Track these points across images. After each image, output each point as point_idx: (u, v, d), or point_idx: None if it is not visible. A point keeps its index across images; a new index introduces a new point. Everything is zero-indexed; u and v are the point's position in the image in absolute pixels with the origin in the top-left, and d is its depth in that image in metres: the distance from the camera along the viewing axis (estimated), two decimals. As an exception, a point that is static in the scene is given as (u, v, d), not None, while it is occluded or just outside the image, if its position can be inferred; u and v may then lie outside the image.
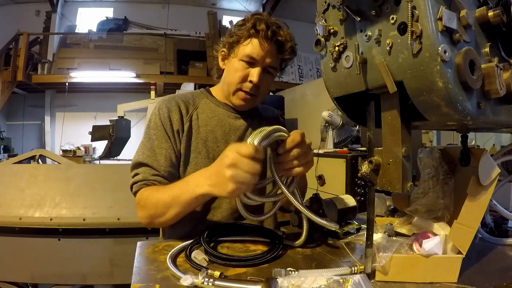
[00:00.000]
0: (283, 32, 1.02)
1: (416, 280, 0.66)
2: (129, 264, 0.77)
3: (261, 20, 1.01)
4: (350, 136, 2.72)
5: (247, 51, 1.00)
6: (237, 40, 1.03)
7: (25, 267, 1.80)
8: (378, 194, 1.02)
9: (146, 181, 0.95)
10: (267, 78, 1.06)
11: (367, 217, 0.67)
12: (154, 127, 1.02)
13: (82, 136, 5.97)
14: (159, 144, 1.00)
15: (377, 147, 0.63)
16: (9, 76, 5.81)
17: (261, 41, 1.00)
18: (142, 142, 1.02)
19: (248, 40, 1.01)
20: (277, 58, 1.04)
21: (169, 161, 0.99)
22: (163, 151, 0.99)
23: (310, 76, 7.29)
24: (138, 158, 0.99)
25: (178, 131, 1.03)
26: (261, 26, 0.99)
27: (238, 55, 1.02)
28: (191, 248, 0.80)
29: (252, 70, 1.02)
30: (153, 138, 1.01)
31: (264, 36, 0.99)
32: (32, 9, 7.08)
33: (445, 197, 0.75)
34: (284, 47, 1.03)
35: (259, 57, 1.00)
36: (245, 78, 1.03)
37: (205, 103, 1.12)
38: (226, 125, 1.09)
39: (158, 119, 1.02)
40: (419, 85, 0.53)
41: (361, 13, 0.61)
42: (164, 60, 6.80)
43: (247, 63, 1.02)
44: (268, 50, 1.01)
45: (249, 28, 1.00)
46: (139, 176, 0.96)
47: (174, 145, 1.01)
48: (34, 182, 1.93)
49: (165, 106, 1.04)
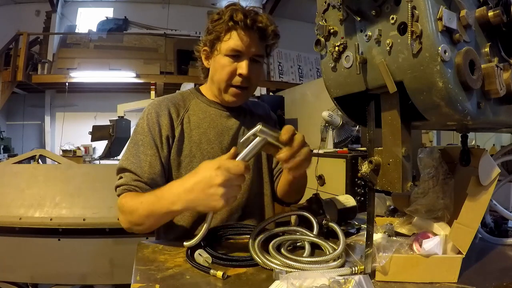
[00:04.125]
0: (262, 18, 0.99)
1: (416, 280, 0.66)
2: (129, 264, 0.77)
3: (237, 10, 0.97)
4: (350, 136, 2.72)
5: (230, 45, 0.98)
6: (217, 36, 1.00)
7: (25, 267, 1.80)
8: (378, 194, 1.02)
9: (128, 186, 0.93)
10: (256, 68, 1.04)
11: (367, 217, 0.67)
12: (141, 132, 0.99)
13: (82, 136, 5.97)
14: (144, 150, 0.97)
15: (377, 147, 0.63)
16: (9, 76, 5.81)
17: (242, 32, 0.97)
18: (128, 147, 1.00)
19: (229, 34, 0.98)
20: (262, 45, 1.02)
21: (153, 169, 0.96)
22: (148, 157, 0.97)
23: (310, 76, 7.29)
24: (122, 163, 0.97)
25: (167, 136, 1.00)
26: (238, 17, 0.96)
27: (222, 51, 0.99)
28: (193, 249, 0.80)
29: (239, 63, 0.99)
30: (139, 143, 0.98)
31: (244, 26, 0.96)
32: (32, 9, 7.08)
33: (445, 197, 0.75)
34: (266, 32, 1.00)
35: (243, 48, 0.98)
36: (234, 73, 1.00)
37: (196, 103, 1.09)
38: (218, 126, 1.07)
39: (145, 124, 1.00)
40: (419, 85, 0.53)
41: (361, 13, 0.61)
42: (164, 60, 6.79)
43: (232, 57, 0.99)
44: (251, 40, 0.98)
45: (227, 21, 0.97)
46: (122, 180, 0.95)
47: (160, 152, 0.98)
48: (34, 182, 1.92)
49: (154, 110, 1.01)
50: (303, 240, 0.83)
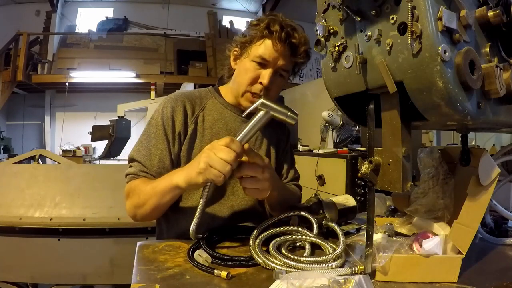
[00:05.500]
0: (298, 35, 0.99)
1: (416, 280, 0.66)
2: (129, 264, 0.77)
3: (275, 20, 0.98)
4: (350, 136, 2.72)
5: (259, 51, 0.98)
6: (250, 40, 1.01)
7: (25, 267, 1.80)
8: (378, 194, 1.02)
9: (136, 175, 0.98)
10: (279, 81, 1.03)
11: (367, 217, 0.67)
12: (155, 125, 1.01)
13: (82, 136, 5.97)
14: (156, 144, 0.99)
15: (377, 147, 0.63)
16: (9, 76, 5.82)
17: (274, 43, 0.97)
18: (140, 138, 1.02)
19: (261, 40, 0.99)
20: (290, 61, 1.02)
21: (162, 163, 0.99)
22: (158, 151, 0.99)
23: (310, 76, 7.29)
24: (133, 154, 1.00)
25: (179, 133, 1.01)
26: (275, 27, 0.97)
27: (250, 55, 1.00)
28: (193, 248, 0.80)
29: (263, 72, 0.99)
30: (151, 136, 1.00)
31: (277, 37, 0.96)
32: (32, 9, 7.09)
33: (445, 197, 0.76)
34: (298, 50, 1.00)
35: (271, 58, 0.98)
36: (256, 80, 1.00)
37: (212, 103, 1.09)
38: (231, 129, 1.07)
39: (160, 118, 1.01)
40: (419, 85, 0.53)
41: (361, 13, 0.61)
42: (164, 60, 6.80)
43: (258, 64, 0.99)
44: (281, 52, 0.98)
45: (262, 29, 0.98)
46: (131, 169, 0.99)
47: (171, 147, 1.00)
48: (34, 182, 1.92)
49: (170, 105, 1.03)
50: (303, 240, 0.83)
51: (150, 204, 0.91)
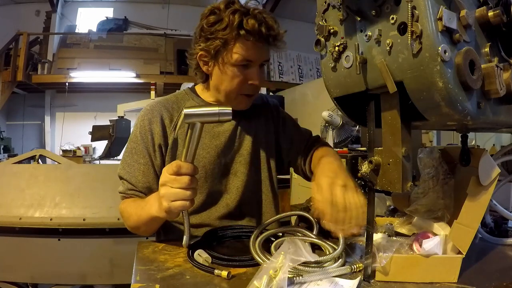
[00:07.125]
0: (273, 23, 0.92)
1: (416, 280, 0.66)
2: (129, 264, 0.77)
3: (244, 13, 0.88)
4: (350, 136, 2.72)
5: (242, 54, 0.90)
6: (223, 44, 0.89)
7: (25, 267, 1.80)
8: (378, 194, 1.01)
9: (125, 194, 0.97)
10: (262, 71, 0.99)
11: (367, 217, 0.67)
12: (134, 140, 0.98)
13: (82, 136, 5.97)
14: (138, 159, 0.97)
15: (377, 147, 0.63)
16: (9, 76, 5.82)
17: (255, 42, 0.89)
18: (124, 155, 1.00)
19: (240, 43, 0.89)
20: (269, 50, 0.97)
21: (146, 177, 0.96)
22: (141, 166, 0.96)
23: (310, 76, 7.29)
24: (120, 172, 0.98)
25: (160, 145, 0.98)
26: (250, 24, 0.87)
27: (232, 60, 0.91)
28: (193, 248, 0.80)
29: (250, 72, 0.94)
30: (132, 152, 0.98)
31: (257, 35, 0.88)
32: (32, 9, 7.09)
33: (445, 197, 0.76)
34: (278, 38, 0.94)
35: (255, 57, 0.93)
36: (244, 82, 0.95)
37: (190, 105, 1.04)
38: (212, 129, 1.03)
39: (138, 132, 0.98)
40: (419, 85, 0.53)
41: (361, 13, 0.61)
42: (164, 60, 6.80)
43: (242, 66, 0.93)
44: (263, 48, 0.93)
45: (236, 28, 0.87)
46: (121, 187, 0.98)
47: (154, 160, 0.97)
48: (34, 182, 1.92)
49: (146, 118, 0.98)
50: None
51: (143, 230, 0.94)
